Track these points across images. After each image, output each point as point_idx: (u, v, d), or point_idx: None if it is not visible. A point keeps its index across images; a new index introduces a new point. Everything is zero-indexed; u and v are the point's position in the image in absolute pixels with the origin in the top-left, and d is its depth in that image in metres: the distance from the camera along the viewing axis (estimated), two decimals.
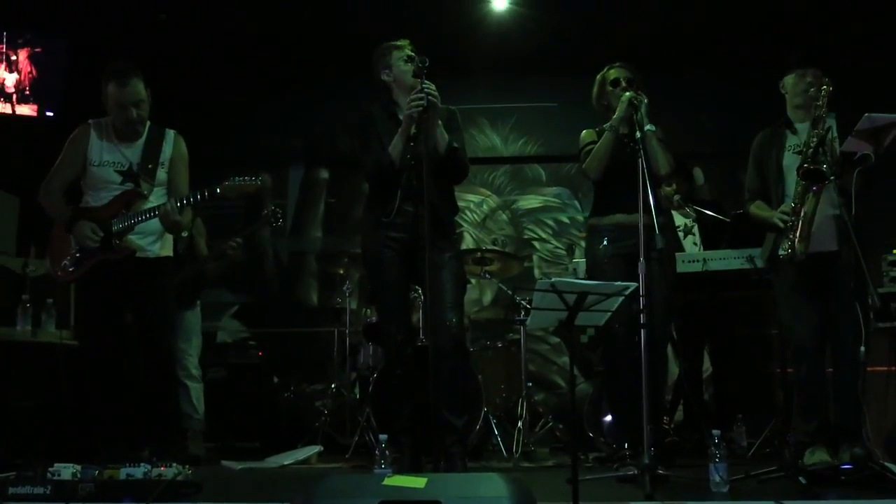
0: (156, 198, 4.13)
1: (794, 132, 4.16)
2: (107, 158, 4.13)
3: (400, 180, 3.88)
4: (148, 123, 4.23)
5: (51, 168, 4.20)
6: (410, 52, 3.92)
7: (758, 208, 4.20)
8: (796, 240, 3.85)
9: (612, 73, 4.36)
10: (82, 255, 4.06)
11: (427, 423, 3.54)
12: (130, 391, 4.19)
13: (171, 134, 4.27)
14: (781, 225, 3.95)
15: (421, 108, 3.68)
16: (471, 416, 4.60)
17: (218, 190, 4.00)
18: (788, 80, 4.21)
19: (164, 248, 4.24)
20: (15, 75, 5.93)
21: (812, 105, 4.02)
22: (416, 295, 4.99)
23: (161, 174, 4.18)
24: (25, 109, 5.94)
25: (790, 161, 4.09)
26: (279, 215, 5.07)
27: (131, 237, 4.07)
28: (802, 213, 3.86)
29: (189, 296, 5.15)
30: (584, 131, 4.41)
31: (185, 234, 4.99)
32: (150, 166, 4.14)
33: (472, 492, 2.34)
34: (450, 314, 3.77)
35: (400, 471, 3.59)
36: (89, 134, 4.17)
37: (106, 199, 4.10)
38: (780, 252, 3.92)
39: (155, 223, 4.10)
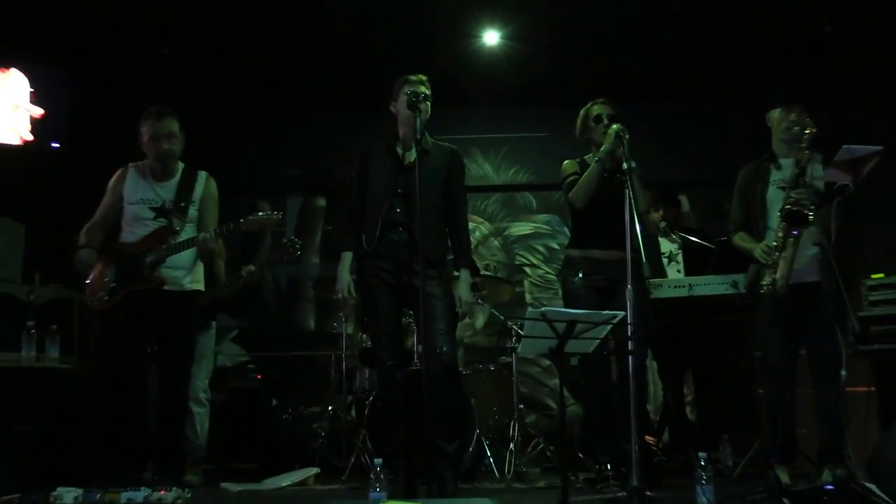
0: (186, 234, 4.23)
1: (779, 167, 4.17)
2: (141, 196, 4.27)
3: (381, 210, 3.90)
4: (182, 165, 4.38)
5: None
6: (419, 89, 3.87)
7: (741, 239, 4.24)
8: (777, 277, 3.91)
9: (596, 109, 4.35)
10: (117, 286, 4.15)
11: (420, 447, 3.53)
12: (139, 415, 4.21)
13: (202, 175, 4.41)
14: (763, 261, 3.99)
15: None
16: (464, 439, 4.59)
17: (241, 223, 4.15)
18: (774, 114, 4.21)
19: (195, 281, 4.35)
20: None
21: (796, 142, 4.05)
22: (409, 321, 4.98)
23: (192, 211, 4.31)
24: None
25: (773, 195, 4.11)
26: (297, 246, 5.08)
27: (163, 270, 4.17)
28: (784, 255, 3.91)
29: (205, 319, 5.08)
30: (565, 162, 4.41)
31: (221, 262, 5.15)
32: (182, 204, 4.28)
33: None
34: (439, 341, 3.77)
35: (394, 494, 3.58)
36: (127, 175, 4.34)
37: (141, 235, 4.22)
38: (763, 286, 3.96)
39: (186, 257, 4.23)
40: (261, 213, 4.19)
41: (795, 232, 3.90)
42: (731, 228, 4.33)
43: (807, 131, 3.98)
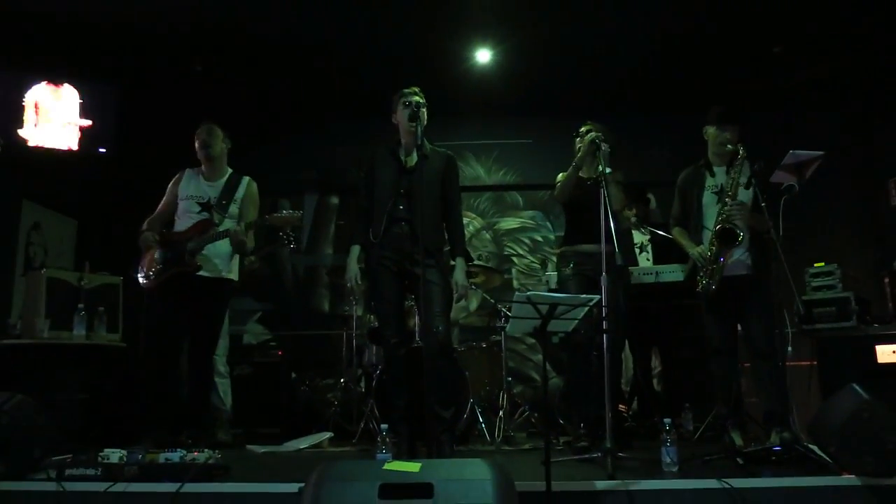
0: (226, 227, 4.31)
1: (713, 174, 4.20)
2: (191, 193, 4.41)
3: (386, 207, 3.88)
4: (230, 170, 4.52)
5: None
6: (413, 99, 3.87)
7: (679, 234, 4.30)
8: (711, 282, 3.97)
9: (581, 130, 4.34)
10: (162, 268, 4.25)
11: (421, 414, 3.52)
12: (175, 387, 4.23)
13: (246, 179, 4.53)
14: (699, 265, 4.06)
15: None
16: (459, 407, 4.59)
17: (267, 219, 4.23)
18: (710, 130, 4.22)
19: (230, 271, 4.42)
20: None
21: (727, 155, 4.07)
22: (410, 304, 4.97)
23: (233, 209, 4.42)
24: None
25: (708, 199, 4.16)
26: (293, 238, 5.08)
27: (202, 257, 4.25)
28: (715, 267, 3.96)
29: None
30: (560, 174, 4.40)
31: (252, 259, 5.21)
32: (224, 202, 4.39)
33: (459, 475, 2.30)
34: (437, 322, 3.75)
35: (398, 455, 3.58)
36: (183, 176, 4.49)
37: (186, 225, 4.32)
38: (699, 284, 4.04)
39: (224, 247, 4.32)
40: (284, 212, 4.23)
41: (722, 259, 3.95)
42: (672, 223, 4.38)
43: (739, 153, 3.97)
